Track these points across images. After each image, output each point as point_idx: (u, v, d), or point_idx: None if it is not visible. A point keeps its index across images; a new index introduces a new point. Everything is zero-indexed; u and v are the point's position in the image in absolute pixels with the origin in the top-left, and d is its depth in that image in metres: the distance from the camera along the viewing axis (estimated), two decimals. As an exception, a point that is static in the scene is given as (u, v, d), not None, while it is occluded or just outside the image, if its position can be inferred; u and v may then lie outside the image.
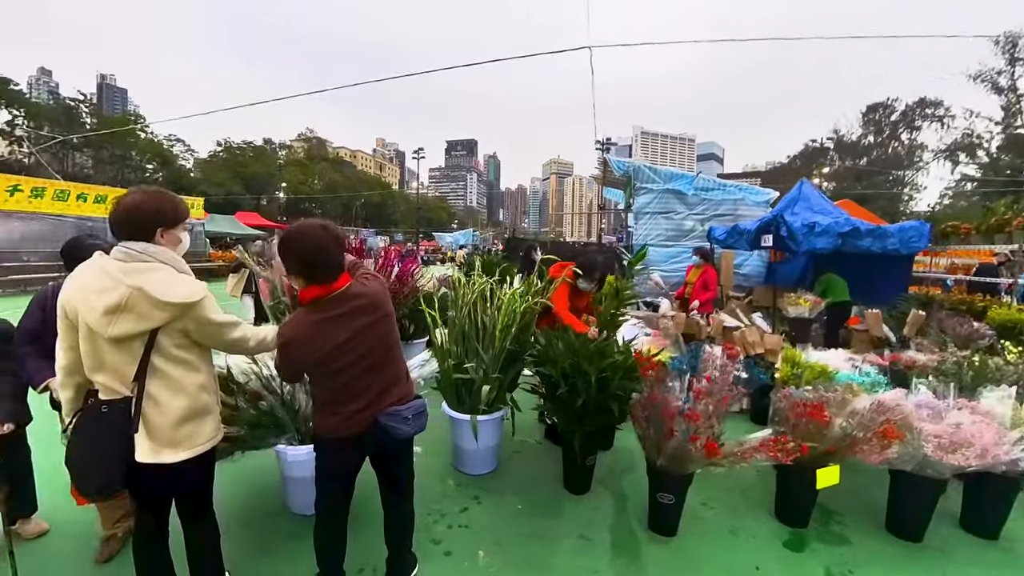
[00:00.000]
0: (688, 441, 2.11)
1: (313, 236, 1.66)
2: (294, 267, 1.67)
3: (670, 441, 2.15)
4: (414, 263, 4.91)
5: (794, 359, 3.19)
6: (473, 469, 3.22)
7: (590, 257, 3.41)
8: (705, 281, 6.10)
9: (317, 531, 1.91)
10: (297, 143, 76.80)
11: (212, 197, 42.52)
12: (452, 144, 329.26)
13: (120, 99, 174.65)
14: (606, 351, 2.54)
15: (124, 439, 1.54)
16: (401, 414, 1.79)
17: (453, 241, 41.19)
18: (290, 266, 1.68)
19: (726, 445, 2.24)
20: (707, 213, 10.13)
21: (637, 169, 10.61)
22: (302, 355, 1.71)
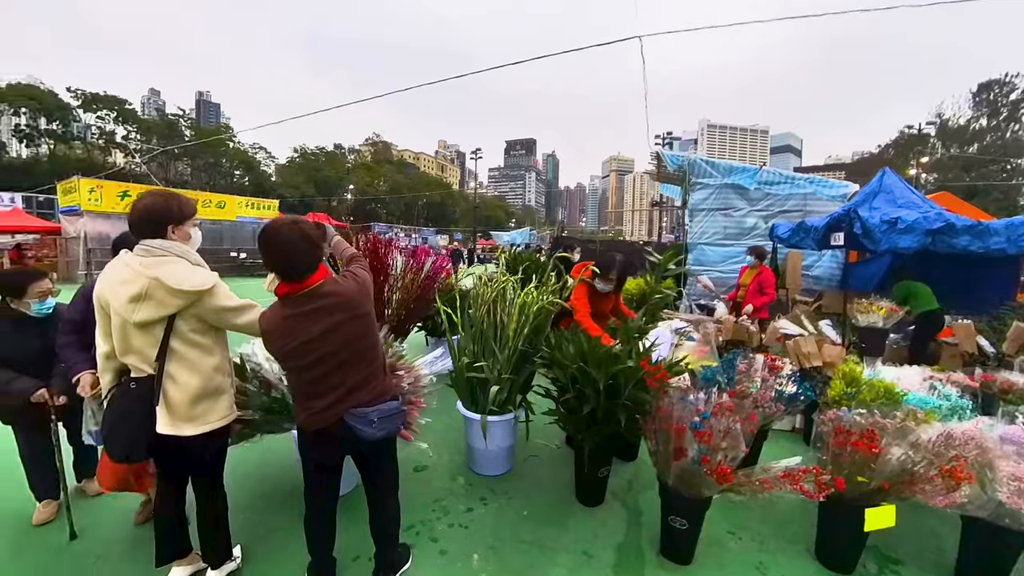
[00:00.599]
0: (699, 463, 1.86)
1: (280, 235, 1.68)
2: (266, 263, 1.71)
3: (679, 462, 1.90)
4: (445, 261, 4.90)
5: (851, 375, 2.76)
6: (484, 469, 3.16)
7: (607, 256, 3.17)
8: (761, 283, 5.56)
9: (305, 517, 1.96)
10: (365, 147, 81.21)
11: (288, 199, 46.17)
12: (511, 144, 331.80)
13: (214, 113, 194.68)
14: (618, 356, 2.33)
15: (147, 412, 1.77)
16: (367, 416, 1.76)
17: (510, 240, 41.57)
18: (264, 262, 1.72)
19: (746, 471, 1.95)
20: (772, 209, 9.30)
21: (692, 163, 9.99)
22: (273, 348, 1.76)
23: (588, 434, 2.44)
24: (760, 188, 9.47)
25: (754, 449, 2.78)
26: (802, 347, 3.45)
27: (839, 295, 6.05)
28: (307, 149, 62.70)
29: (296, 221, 1.75)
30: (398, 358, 3.21)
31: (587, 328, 2.83)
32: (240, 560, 2.22)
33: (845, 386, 2.69)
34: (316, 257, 1.74)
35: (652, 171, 14.46)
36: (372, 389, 1.81)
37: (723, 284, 9.74)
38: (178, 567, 2.08)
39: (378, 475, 2.01)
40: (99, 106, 40.34)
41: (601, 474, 2.65)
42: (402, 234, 51.64)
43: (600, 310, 3.25)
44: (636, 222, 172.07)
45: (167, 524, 2.03)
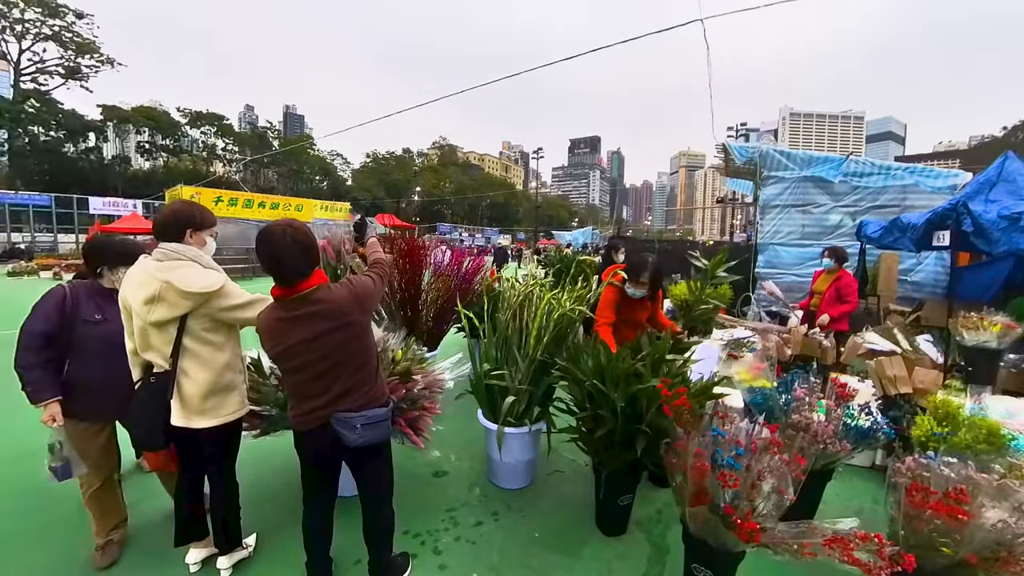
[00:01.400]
0: (721, 513, 1.52)
1: (272, 239, 1.67)
2: (261, 264, 1.70)
3: (697, 508, 1.57)
4: (481, 262, 4.76)
5: (945, 409, 2.20)
6: (503, 482, 2.99)
7: (638, 256, 2.80)
8: (839, 290, 4.81)
9: (303, 514, 1.98)
10: (432, 150, 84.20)
11: (361, 201, 49.11)
12: (575, 142, 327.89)
13: (299, 124, 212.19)
14: (640, 375, 2.02)
15: (164, 405, 1.90)
16: (350, 422, 1.75)
17: (572, 239, 41.10)
18: (260, 263, 1.71)
19: (787, 527, 1.57)
20: (861, 205, 8.19)
21: (764, 154, 9.06)
22: (266, 348, 1.77)
23: (605, 458, 2.17)
24: (847, 180, 8.36)
25: (814, 491, 2.33)
26: (886, 369, 2.86)
27: (943, 305, 5.11)
28: (378, 154, 66.30)
29: (291, 225, 1.73)
30: (417, 361, 3.12)
31: (605, 339, 2.52)
32: (252, 549, 2.29)
33: (936, 423, 2.14)
34: (308, 262, 1.72)
35: (720, 165, 13.41)
36: (360, 396, 1.80)
37: (799, 290, 8.74)
38: (195, 549, 2.20)
39: (368, 480, 1.99)
40: (202, 123, 45.86)
41: (622, 502, 2.34)
42: (466, 234, 53.11)
43: (632, 319, 2.90)
44: (707, 220, 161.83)
45: (185, 509, 2.14)
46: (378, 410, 1.83)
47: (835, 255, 4.94)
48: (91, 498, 2.19)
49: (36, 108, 35.60)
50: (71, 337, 2.06)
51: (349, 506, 2.29)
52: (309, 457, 1.89)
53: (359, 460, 1.92)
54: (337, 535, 2.10)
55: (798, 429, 2.17)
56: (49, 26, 35.60)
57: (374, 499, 2.00)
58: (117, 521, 2.29)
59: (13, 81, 36.08)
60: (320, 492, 1.97)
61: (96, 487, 2.19)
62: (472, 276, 4.64)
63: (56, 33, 35.97)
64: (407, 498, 2.84)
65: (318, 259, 1.79)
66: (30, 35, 35.33)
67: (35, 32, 35.34)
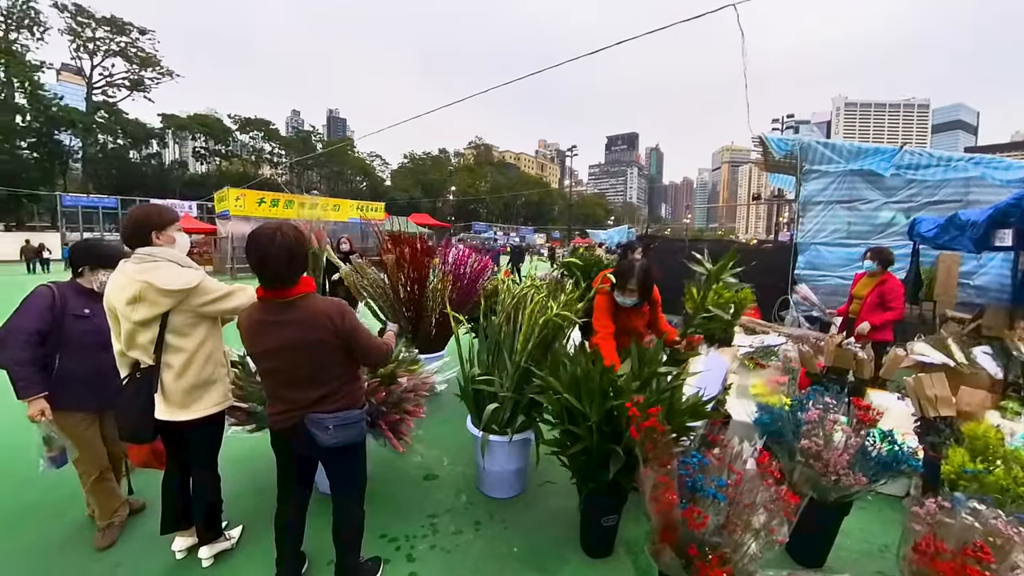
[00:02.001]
0: (685, 556, 1.32)
1: (260, 240, 1.66)
2: (249, 264, 1.70)
3: (663, 546, 1.37)
4: (486, 262, 4.64)
5: (984, 439, 1.86)
6: (490, 491, 2.87)
7: (626, 261, 2.57)
8: (883, 295, 4.34)
9: (276, 512, 1.99)
10: (468, 150, 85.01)
11: (398, 201, 50.27)
12: (612, 139, 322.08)
13: (341, 127, 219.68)
14: (621, 390, 1.83)
15: (150, 399, 1.97)
16: (323, 422, 1.75)
17: (607, 238, 40.34)
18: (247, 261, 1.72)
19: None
20: (916, 200, 7.47)
21: (806, 147, 8.44)
22: (245, 344, 1.79)
23: (583, 477, 1.99)
24: (900, 173, 7.65)
25: (829, 525, 2.05)
26: (926, 387, 2.49)
27: (1005, 313, 4.54)
28: (415, 155, 67.63)
29: (281, 228, 1.72)
30: (408, 363, 3.05)
31: (604, 354, 2.33)
32: (236, 541, 2.34)
33: (971, 457, 1.82)
34: (293, 268, 1.71)
35: (759, 160, 12.68)
36: (333, 401, 1.78)
37: (843, 294, 8.07)
38: (181, 537, 2.27)
39: (339, 481, 1.97)
40: (251, 128, 48.58)
41: (605, 523, 2.16)
42: (500, 232, 53.27)
43: (628, 327, 2.65)
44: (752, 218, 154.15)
45: (171, 498, 2.22)
46: (352, 411, 1.82)
47: (879, 257, 4.45)
48: (92, 487, 2.30)
49: (105, 118, 38.84)
50: (61, 333, 2.14)
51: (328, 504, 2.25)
52: (283, 456, 1.92)
53: (332, 460, 1.92)
54: (314, 533, 2.10)
55: (808, 456, 1.91)
56: (117, 43, 38.76)
57: (343, 499, 1.98)
58: (117, 505, 2.40)
59: (86, 94, 39.48)
60: (293, 491, 1.98)
61: (95, 476, 2.29)
62: (477, 277, 4.53)
63: (123, 49, 39.11)
64: (391, 500, 2.82)
65: (305, 265, 1.79)
66: (100, 52, 38.58)
67: (105, 49, 38.56)
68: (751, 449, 1.83)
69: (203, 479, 2.19)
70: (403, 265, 4.19)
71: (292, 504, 1.99)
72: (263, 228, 1.71)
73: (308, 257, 1.93)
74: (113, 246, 2.32)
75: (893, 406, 3.31)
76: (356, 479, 2.01)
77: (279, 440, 1.89)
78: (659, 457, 1.48)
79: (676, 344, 2.56)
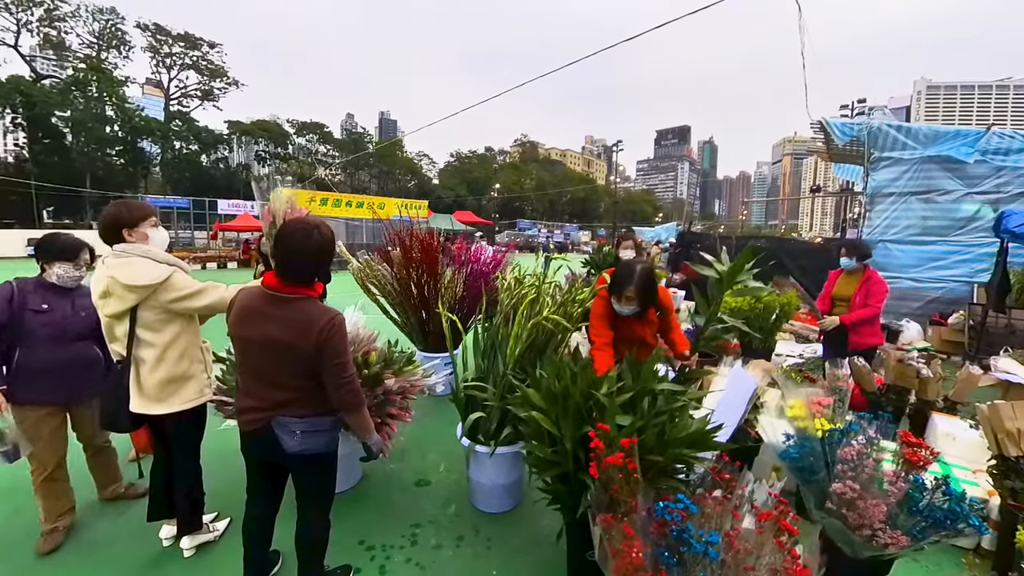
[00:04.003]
0: None
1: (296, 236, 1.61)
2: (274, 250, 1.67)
3: None
4: (500, 260, 4.42)
5: None
6: (479, 504, 2.68)
7: (624, 266, 2.23)
8: (869, 293, 3.63)
9: (244, 516, 1.93)
10: (513, 148, 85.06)
11: (444, 199, 51.18)
12: (662, 133, 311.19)
13: (392, 128, 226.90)
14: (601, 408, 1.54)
15: (125, 390, 2.01)
16: (290, 426, 1.67)
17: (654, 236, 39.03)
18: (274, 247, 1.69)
19: None
20: (1006, 190, 6.48)
21: (874, 132, 7.54)
22: (229, 320, 1.73)
23: (562, 505, 1.73)
24: (986, 160, 6.63)
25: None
26: (1004, 418, 1.99)
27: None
28: (461, 153, 68.51)
29: (319, 228, 1.67)
30: (403, 362, 2.90)
31: (597, 367, 2.03)
32: (220, 534, 2.36)
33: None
34: (316, 270, 1.68)
35: (821, 149, 11.58)
36: (301, 406, 1.69)
37: (916, 298, 7.14)
38: (167, 525, 2.32)
39: (304, 490, 1.87)
40: (307, 132, 51.18)
41: (590, 556, 1.87)
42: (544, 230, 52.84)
43: (633, 336, 2.30)
44: (817, 214, 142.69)
45: (157, 486, 2.26)
46: (323, 418, 1.73)
47: (857, 252, 3.75)
48: (41, 485, 2.27)
49: (180, 127, 42.41)
50: (20, 327, 2.15)
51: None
52: (252, 461, 1.86)
53: (298, 469, 1.82)
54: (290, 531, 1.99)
55: (841, 504, 1.55)
56: (190, 57, 42.16)
57: (308, 510, 1.88)
58: (64, 509, 2.36)
59: (165, 105, 43.24)
60: (260, 498, 1.91)
61: (46, 474, 2.27)
62: (490, 273, 4.31)
63: (195, 62, 42.52)
64: (377, 503, 2.72)
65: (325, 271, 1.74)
66: (176, 66, 42.16)
67: (180, 63, 42.08)
68: (764, 491, 1.50)
69: (182, 470, 2.21)
70: (411, 261, 4.06)
71: (260, 510, 1.92)
72: (303, 222, 1.68)
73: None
74: (70, 239, 2.29)
75: (963, 436, 2.77)
76: (323, 492, 1.90)
77: (248, 444, 1.81)
78: (625, 500, 1.19)
79: (685, 358, 2.21)
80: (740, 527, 1.20)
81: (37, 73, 37.34)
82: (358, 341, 2.80)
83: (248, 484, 1.91)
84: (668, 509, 1.34)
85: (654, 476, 1.57)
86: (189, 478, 2.23)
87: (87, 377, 2.28)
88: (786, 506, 1.48)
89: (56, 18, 36.31)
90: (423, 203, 27.97)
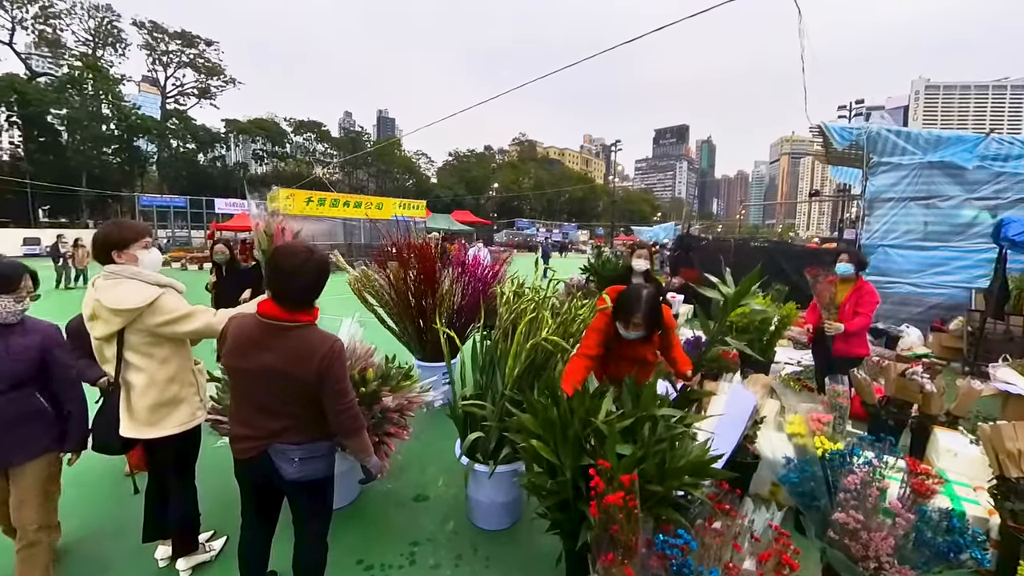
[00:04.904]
0: None
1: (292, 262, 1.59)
2: (270, 280, 1.63)
3: None
4: (498, 270, 4.37)
5: None
6: (478, 521, 2.66)
7: (631, 290, 2.12)
8: (860, 303, 3.62)
9: (239, 541, 1.90)
10: (512, 147, 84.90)
11: (443, 198, 51.07)
12: (660, 132, 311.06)
13: (390, 127, 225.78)
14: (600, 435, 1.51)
15: (115, 413, 1.99)
16: (288, 454, 1.64)
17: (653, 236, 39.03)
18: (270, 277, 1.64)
19: None
20: (1005, 196, 6.49)
21: (874, 136, 7.54)
22: (221, 350, 1.69)
23: (561, 531, 1.70)
24: (986, 165, 6.63)
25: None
26: (1005, 438, 1.98)
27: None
28: (460, 152, 68.40)
29: (313, 251, 1.65)
30: (400, 378, 2.87)
31: (566, 375, 2.00)
32: (216, 553, 2.32)
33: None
34: (315, 295, 1.66)
35: (819, 152, 11.58)
36: (299, 433, 1.66)
37: (916, 304, 7.14)
38: (163, 546, 2.29)
39: (303, 514, 1.83)
40: (304, 130, 51.02)
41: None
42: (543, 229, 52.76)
43: (634, 355, 2.22)
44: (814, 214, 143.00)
45: (151, 507, 2.24)
46: (320, 443, 1.71)
47: (856, 260, 3.73)
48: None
49: (176, 125, 42.25)
50: None
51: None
52: (246, 486, 1.83)
53: (296, 494, 1.79)
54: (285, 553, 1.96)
55: (844, 534, 1.53)
56: (187, 55, 41.95)
57: (306, 533, 1.85)
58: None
59: (161, 103, 43.03)
60: (255, 521, 1.88)
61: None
62: (489, 283, 4.28)
63: (192, 60, 42.32)
64: (375, 520, 2.69)
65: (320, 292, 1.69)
66: (173, 64, 41.94)
67: (176, 61, 41.87)
68: (763, 519, 1.48)
69: (175, 491, 2.17)
70: (409, 271, 4.03)
71: (255, 533, 1.89)
72: (295, 246, 1.65)
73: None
74: (7, 265, 1.91)
75: (965, 452, 2.76)
76: (320, 515, 1.87)
77: (244, 470, 1.78)
78: (626, 539, 1.17)
79: (687, 378, 2.19)
80: (740, 567, 1.17)
81: (32, 71, 37.14)
82: (355, 356, 2.77)
83: (243, 508, 1.88)
84: (668, 544, 1.32)
85: (654, 505, 1.55)
86: (184, 500, 2.19)
87: (25, 434, 1.87)
88: (787, 539, 1.46)
89: (51, 15, 36.07)
90: (421, 203, 27.90)
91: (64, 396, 2.01)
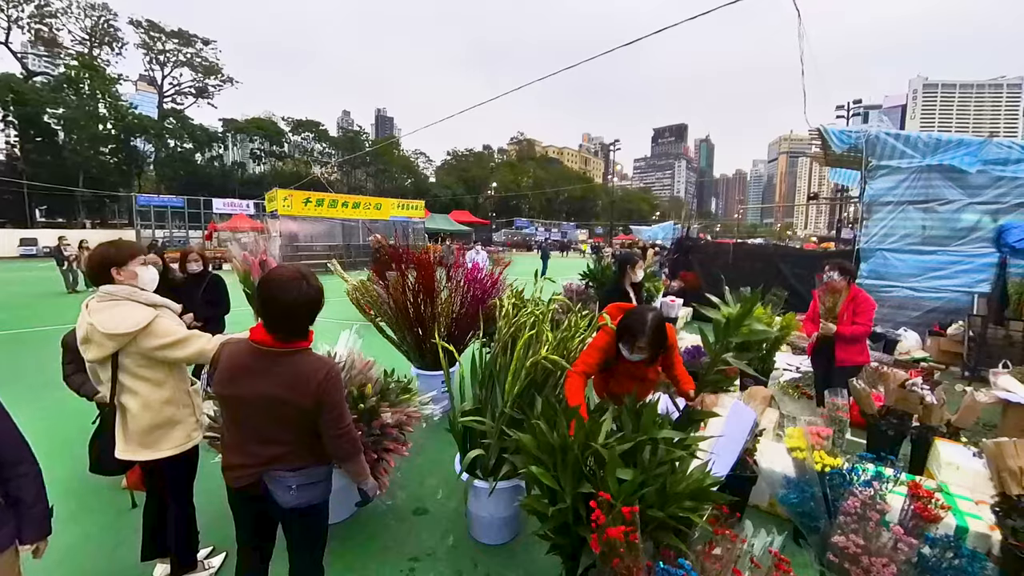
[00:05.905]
0: None
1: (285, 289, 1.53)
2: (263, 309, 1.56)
3: None
4: (496, 279, 4.35)
5: None
6: (478, 534, 2.64)
7: (637, 313, 2.10)
8: (855, 311, 3.62)
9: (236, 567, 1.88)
10: (511, 146, 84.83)
11: (441, 198, 50.99)
12: (659, 131, 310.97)
13: (389, 126, 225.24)
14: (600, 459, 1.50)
15: (111, 434, 2.00)
16: (285, 481, 1.61)
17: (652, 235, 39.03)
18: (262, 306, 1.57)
19: None
20: (1006, 201, 6.48)
21: (872, 140, 7.53)
22: (215, 377, 1.66)
23: (561, 554, 1.69)
24: (987, 170, 6.62)
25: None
26: (1007, 456, 1.97)
27: None
28: (458, 152, 68.34)
29: (306, 277, 1.59)
30: (399, 391, 2.85)
31: (568, 393, 1.99)
32: (215, 571, 2.32)
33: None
34: (310, 322, 1.62)
35: (818, 154, 11.58)
36: (296, 458, 1.63)
37: (915, 307, 7.14)
38: (161, 564, 2.29)
39: (298, 540, 1.79)
40: (302, 130, 50.89)
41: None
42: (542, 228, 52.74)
43: (636, 373, 2.21)
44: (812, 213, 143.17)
45: (149, 526, 2.24)
46: (317, 468, 1.68)
47: (843, 269, 3.72)
48: None
49: (174, 124, 42.10)
50: None
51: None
52: (240, 513, 1.79)
53: (292, 521, 1.75)
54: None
55: (843, 560, 1.52)
56: (184, 54, 41.81)
57: (300, 559, 1.82)
58: None
59: (158, 103, 42.89)
60: (252, 548, 1.84)
61: None
62: (485, 293, 4.25)
63: (189, 59, 42.16)
64: (374, 535, 2.66)
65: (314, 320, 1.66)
66: (170, 63, 41.78)
67: (173, 60, 41.72)
68: (763, 543, 1.46)
69: (173, 511, 2.16)
70: (406, 278, 4.01)
71: (252, 561, 1.85)
72: (286, 278, 1.56)
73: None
74: None
75: (967, 465, 2.75)
76: (316, 541, 1.84)
77: (238, 499, 1.75)
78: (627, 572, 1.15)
79: (690, 398, 2.16)
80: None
81: (28, 70, 37.02)
82: (354, 370, 2.75)
83: (237, 534, 1.84)
84: (668, 574, 1.31)
85: (654, 530, 1.53)
86: (182, 519, 2.18)
87: None
88: (787, 566, 1.45)
89: (47, 14, 35.96)
90: (420, 203, 27.83)
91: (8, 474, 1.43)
